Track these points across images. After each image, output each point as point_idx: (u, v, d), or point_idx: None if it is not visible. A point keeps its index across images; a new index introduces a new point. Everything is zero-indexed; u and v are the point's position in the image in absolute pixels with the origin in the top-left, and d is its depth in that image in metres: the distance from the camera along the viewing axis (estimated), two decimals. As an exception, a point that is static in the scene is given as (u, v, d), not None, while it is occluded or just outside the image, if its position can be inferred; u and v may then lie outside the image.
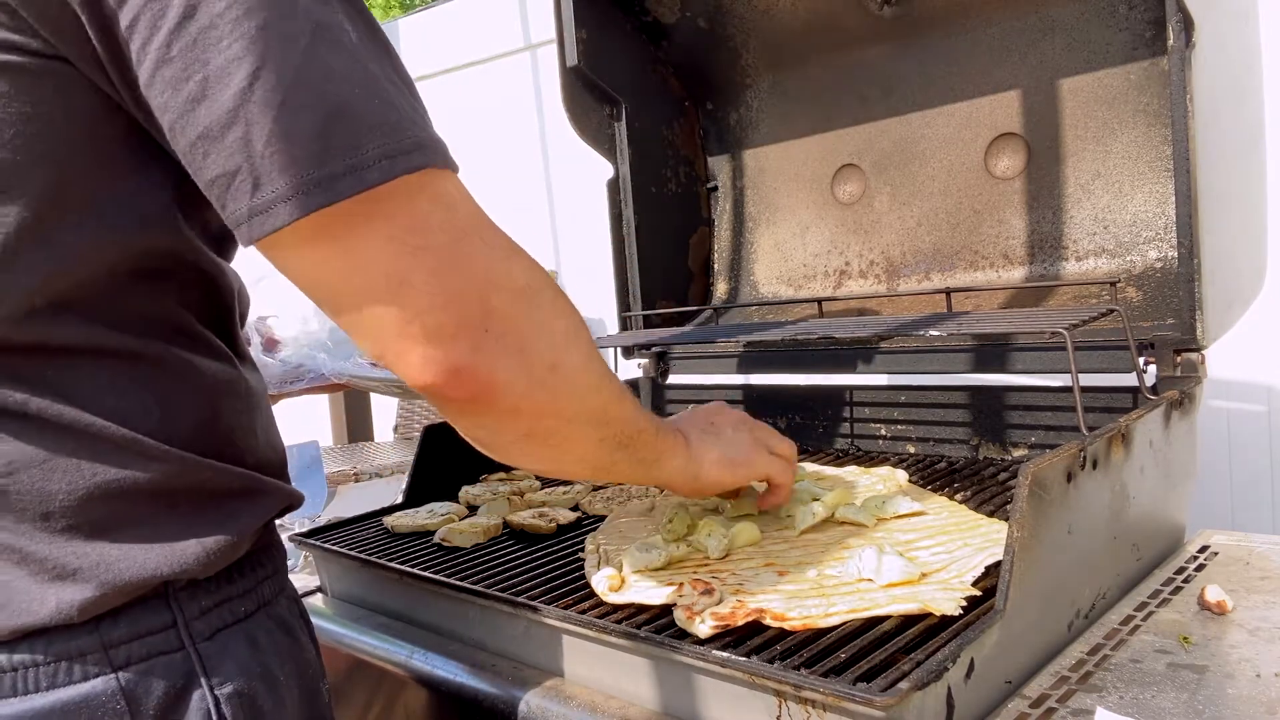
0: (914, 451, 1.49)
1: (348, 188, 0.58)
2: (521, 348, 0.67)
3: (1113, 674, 0.83)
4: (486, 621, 1.02)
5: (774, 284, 1.79)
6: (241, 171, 0.57)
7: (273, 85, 0.56)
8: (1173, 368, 1.17)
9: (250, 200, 0.58)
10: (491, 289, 0.65)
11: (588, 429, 0.77)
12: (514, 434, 0.72)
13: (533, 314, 0.68)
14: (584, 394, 0.74)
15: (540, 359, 0.69)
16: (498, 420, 0.70)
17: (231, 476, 0.73)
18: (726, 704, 0.79)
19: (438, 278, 0.62)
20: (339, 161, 0.57)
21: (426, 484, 1.44)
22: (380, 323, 0.62)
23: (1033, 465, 0.82)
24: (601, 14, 1.67)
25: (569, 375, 0.71)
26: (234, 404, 0.76)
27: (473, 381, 0.65)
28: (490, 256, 0.65)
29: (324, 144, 0.57)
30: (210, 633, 0.71)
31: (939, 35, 1.50)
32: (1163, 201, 1.32)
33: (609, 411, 0.79)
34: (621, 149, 1.73)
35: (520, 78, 3.94)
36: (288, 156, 0.57)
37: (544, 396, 0.70)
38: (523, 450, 0.75)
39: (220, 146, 0.57)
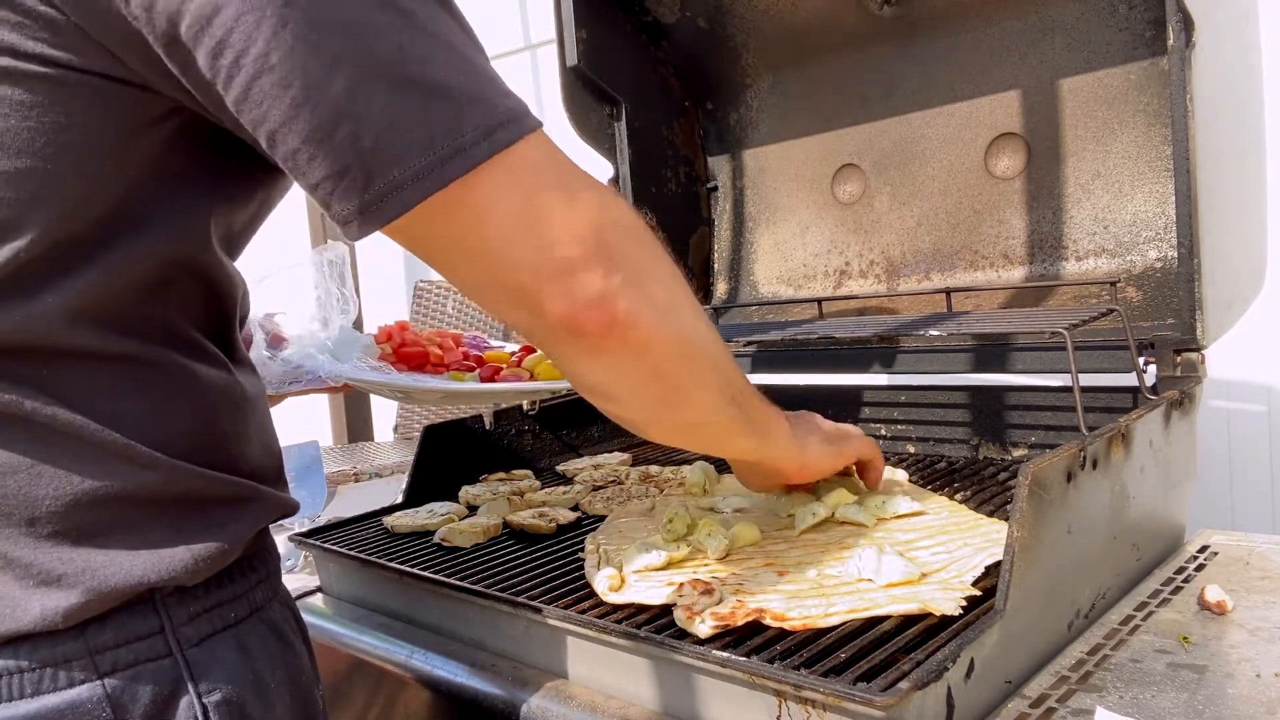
0: (914, 451, 1.49)
1: (457, 169, 0.60)
2: (642, 282, 0.69)
3: (1113, 674, 0.83)
4: (486, 621, 1.02)
5: (774, 284, 1.79)
6: (352, 170, 0.59)
7: (373, 81, 0.58)
8: (1173, 368, 1.17)
9: (362, 196, 0.60)
10: (606, 226, 0.67)
11: (706, 374, 0.78)
12: (642, 373, 0.72)
13: (645, 252, 0.71)
14: (704, 338, 0.76)
15: (659, 294, 0.70)
16: (628, 357, 0.70)
17: (222, 484, 0.72)
18: (726, 704, 0.79)
19: (559, 216, 0.64)
20: (444, 146, 0.59)
21: (426, 484, 1.44)
22: (512, 272, 0.64)
23: (1033, 465, 0.82)
24: (601, 14, 1.67)
25: (684, 313, 0.73)
26: (229, 410, 0.75)
27: (606, 311, 0.66)
28: (598, 194, 0.68)
29: (429, 131, 0.59)
30: (199, 639, 0.70)
31: (939, 35, 1.51)
32: (1163, 201, 1.32)
33: (724, 363, 0.80)
34: (621, 149, 1.73)
35: (520, 78, 3.94)
36: (397, 149, 0.59)
37: (669, 330, 0.71)
38: (649, 393, 0.75)
39: (328, 149, 0.59)
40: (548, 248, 0.64)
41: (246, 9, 0.57)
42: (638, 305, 0.68)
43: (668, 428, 0.83)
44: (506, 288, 0.66)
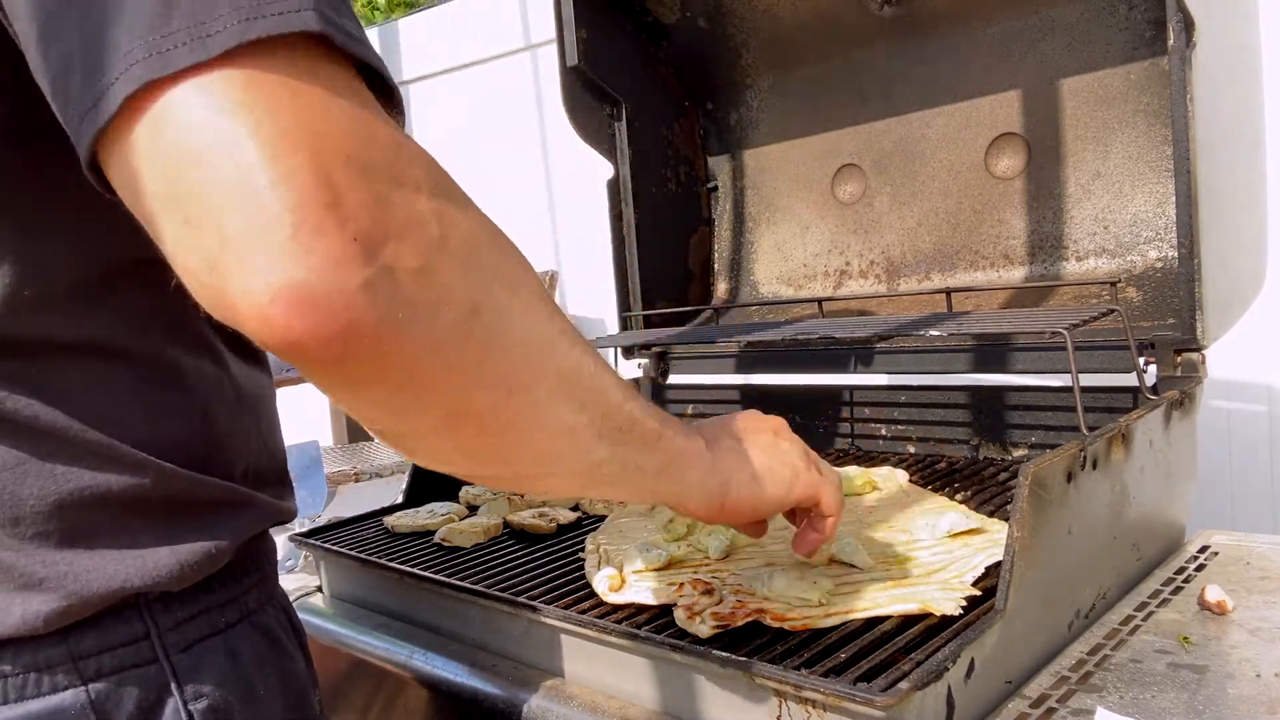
0: (914, 451, 1.49)
1: (182, 58, 0.43)
2: (422, 269, 0.45)
3: (1113, 674, 0.83)
4: (487, 621, 1.02)
5: (774, 284, 1.79)
6: (74, 59, 0.44)
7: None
8: (1173, 368, 1.17)
9: (82, 96, 0.44)
10: (357, 174, 0.43)
11: (552, 408, 0.54)
12: (430, 417, 0.50)
13: (449, 213, 0.47)
14: (541, 352, 0.52)
15: (455, 295, 0.47)
16: (396, 393, 0.47)
17: (213, 489, 0.69)
18: (726, 704, 0.79)
19: (282, 169, 0.42)
20: (181, 25, 0.43)
21: (426, 484, 1.44)
22: (201, 234, 0.43)
23: (1033, 465, 0.82)
24: (601, 14, 1.67)
25: (503, 320, 0.49)
26: (226, 409, 0.72)
27: (327, 316, 0.42)
28: (365, 134, 0.45)
29: (166, 8, 0.44)
30: (186, 644, 0.68)
31: (939, 35, 1.50)
32: (1163, 201, 1.32)
33: (582, 382, 0.56)
34: (621, 149, 1.73)
35: (520, 78, 3.94)
36: (123, 31, 0.43)
37: (468, 354, 0.48)
38: (450, 443, 0.52)
39: (58, 40, 0.45)
40: (250, 221, 0.42)
41: None
42: (408, 309, 0.44)
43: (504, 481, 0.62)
44: (191, 248, 0.44)
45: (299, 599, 1.25)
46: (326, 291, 0.42)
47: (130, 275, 0.65)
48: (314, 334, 0.43)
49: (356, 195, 0.43)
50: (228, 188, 0.42)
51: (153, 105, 0.43)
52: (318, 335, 0.43)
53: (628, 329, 1.75)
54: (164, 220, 0.44)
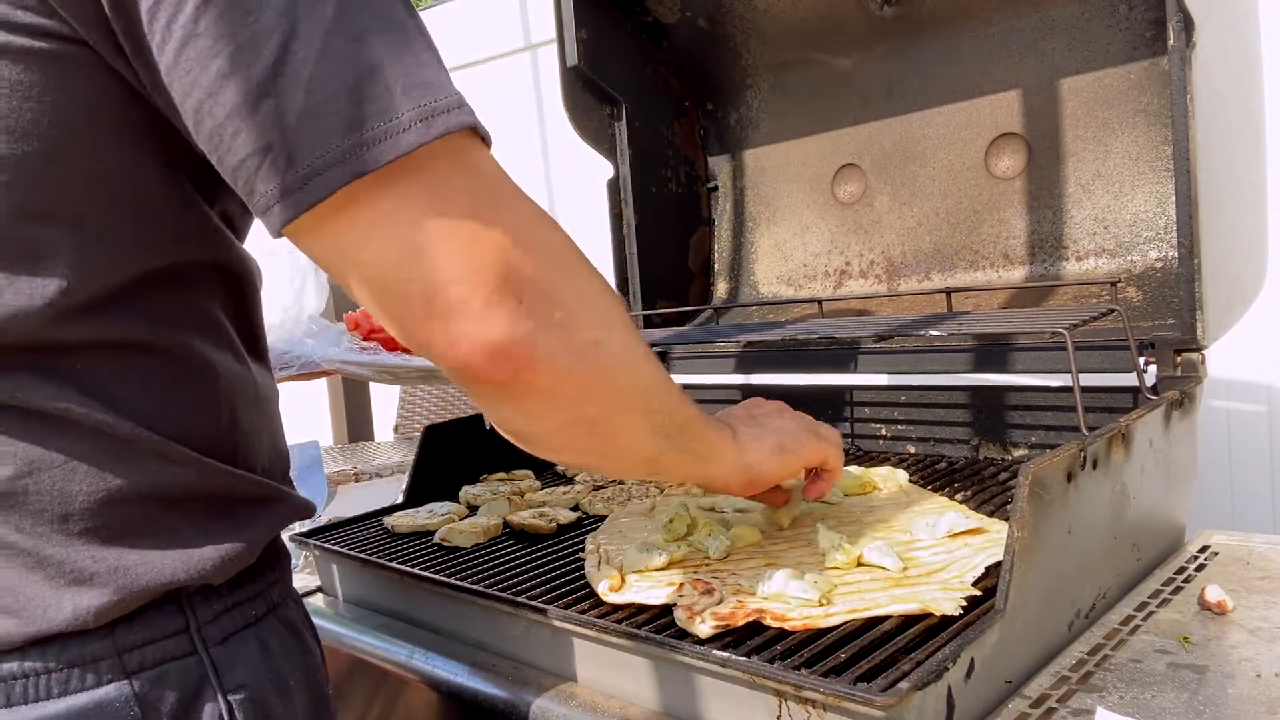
0: (914, 451, 1.49)
1: (385, 152, 0.55)
2: (561, 320, 0.61)
3: (1113, 674, 0.83)
4: (487, 621, 1.02)
5: (774, 284, 1.79)
6: (275, 147, 0.54)
7: (304, 54, 0.54)
8: (1173, 368, 1.17)
9: (283, 178, 0.55)
10: (522, 255, 0.59)
11: (635, 415, 0.71)
12: (557, 420, 0.66)
13: (572, 283, 0.63)
14: (629, 374, 0.69)
15: (582, 333, 0.63)
16: (539, 405, 0.64)
17: (248, 483, 0.72)
18: (727, 704, 0.79)
19: (461, 244, 0.57)
20: (375, 125, 0.55)
21: (427, 484, 1.44)
22: (406, 298, 0.58)
23: (1033, 465, 0.82)
24: (601, 14, 1.67)
25: (613, 352, 0.66)
26: (248, 408, 0.74)
27: (510, 358, 0.59)
28: (519, 221, 0.61)
29: (358, 110, 0.54)
30: (222, 637, 0.70)
31: (939, 35, 1.51)
32: (1163, 201, 1.32)
33: (655, 396, 0.72)
34: (621, 149, 1.73)
35: (520, 78, 3.94)
36: (323, 126, 0.54)
37: (588, 374, 0.64)
38: (567, 440, 0.69)
39: (252, 123, 0.54)
40: (443, 282, 0.57)
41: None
42: (550, 349, 0.61)
43: (596, 465, 0.79)
44: (398, 318, 0.60)
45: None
46: (504, 344, 0.59)
47: (167, 277, 0.67)
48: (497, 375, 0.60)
49: (522, 273, 0.59)
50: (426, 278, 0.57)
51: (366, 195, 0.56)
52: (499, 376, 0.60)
53: (628, 329, 1.74)
54: (377, 300, 0.60)
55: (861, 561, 0.93)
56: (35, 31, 0.57)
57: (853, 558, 0.93)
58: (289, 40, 0.54)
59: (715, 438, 0.84)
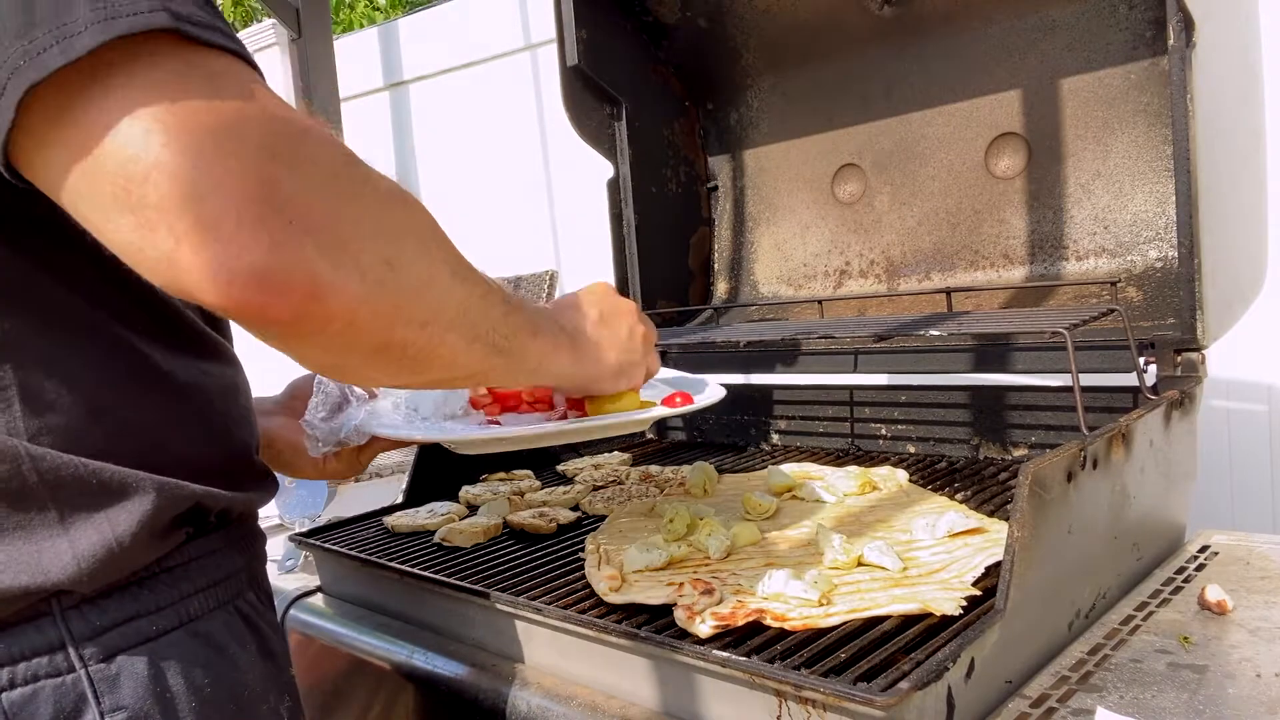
0: (914, 451, 1.49)
1: (55, 59, 0.47)
2: (340, 240, 0.54)
3: (1113, 674, 0.83)
4: (486, 621, 1.02)
5: (774, 284, 1.79)
6: None
7: None
8: (1173, 367, 1.17)
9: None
10: (281, 169, 0.51)
11: (451, 334, 0.65)
12: (362, 352, 0.60)
13: (349, 198, 0.55)
14: (438, 292, 0.63)
15: (370, 253, 0.55)
16: (336, 338, 0.57)
17: (105, 474, 0.64)
18: (727, 704, 0.79)
19: (201, 155, 0.49)
20: (45, 30, 0.48)
21: (426, 484, 1.44)
22: (142, 225, 0.49)
23: (1033, 465, 0.82)
24: (602, 14, 1.67)
25: (413, 271, 0.59)
26: (141, 395, 0.67)
27: (286, 289, 0.51)
28: (272, 129, 0.52)
29: (29, 17, 0.48)
30: (107, 654, 0.64)
31: (939, 35, 1.50)
32: (1163, 201, 1.32)
33: (473, 311, 0.67)
34: (621, 149, 1.73)
35: (520, 78, 3.94)
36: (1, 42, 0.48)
37: (386, 300, 0.57)
38: (379, 369, 0.63)
39: None
40: (183, 206, 0.48)
41: None
42: (334, 276, 0.53)
43: (415, 386, 0.74)
44: (144, 254, 0.51)
45: (299, 599, 1.25)
46: (274, 270, 0.51)
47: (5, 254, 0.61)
48: (269, 304, 0.52)
49: (284, 188, 0.51)
50: (172, 197, 0.48)
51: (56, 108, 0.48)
52: (272, 305, 0.52)
53: (628, 329, 1.74)
54: (108, 223, 0.51)
55: (861, 561, 0.93)
56: None
57: (853, 558, 0.93)
58: None
59: (549, 346, 0.80)
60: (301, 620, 1.21)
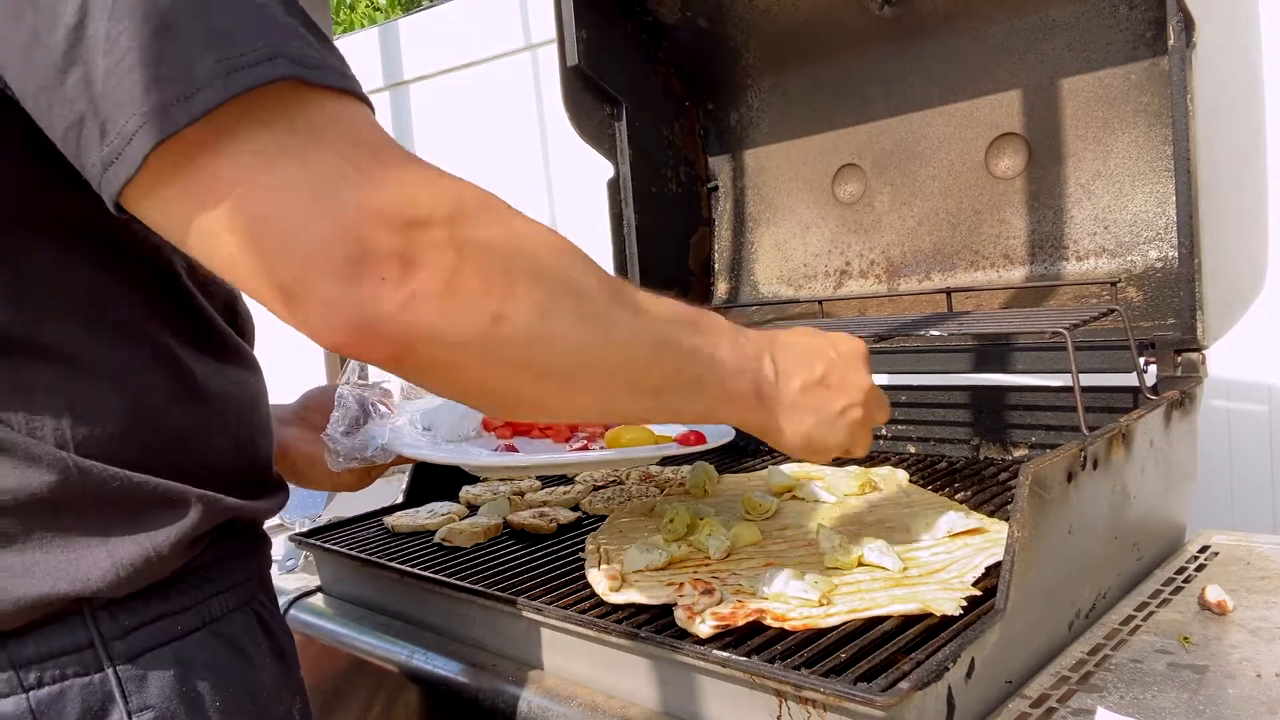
0: (914, 451, 1.49)
1: (179, 116, 0.49)
2: (446, 289, 0.53)
3: (1113, 674, 0.83)
4: (486, 621, 1.02)
5: (774, 284, 1.79)
6: (87, 119, 0.50)
7: (100, 12, 0.49)
8: (1173, 368, 1.17)
9: (101, 150, 0.51)
10: (401, 213, 0.52)
11: (574, 380, 0.62)
12: (471, 395, 0.60)
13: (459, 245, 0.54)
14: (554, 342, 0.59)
15: (474, 302, 0.54)
16: (443, 380, 0.57)
17: (149, 487, 0.66)
18: (727, 704, 0.79)
19: (322, 201, 0.51)
20: (169, 87, 0.49)
21: (426, 484, 1.44)
22: (265, 274, 0.52)
23: (1033, 465, 0.82)
24: (602, 14, 1.67)
25: (523, 321, 0.56)
26: (181, 406, 0.69)
27: (381, 339, 0.53)
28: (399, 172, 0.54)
29: (154, 71, 0.49)
30: (134, 654, 0.65)
31: (939, 35, 1.50)
32: (1163, 201, 1.32)
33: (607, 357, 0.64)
34: (622, 149, 1.73)
35: (520, 78, 3.94)
36: (124, 92, 0.49)
37: (489, 350, 0.56)
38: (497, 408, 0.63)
39: (61, 94, 0.51)
40: (301, 250, 0.51)
41: None
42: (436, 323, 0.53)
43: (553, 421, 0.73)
44: (263, 292, 0.53)
45: (299, 599, 1.25)
46: (369, 322, 0.52)
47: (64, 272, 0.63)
48: (368, 350, 0.54)
49: (385, 243, 0.52)
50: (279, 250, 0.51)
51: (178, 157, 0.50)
52: (372, 350, 0.54)
53: (628, 329, 1.74)
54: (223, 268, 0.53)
55: (861, 561, 0.93)
56: None
57: (853, 558, 0.93)
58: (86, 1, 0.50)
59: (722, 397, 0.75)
60: (301, 620, 1.21)
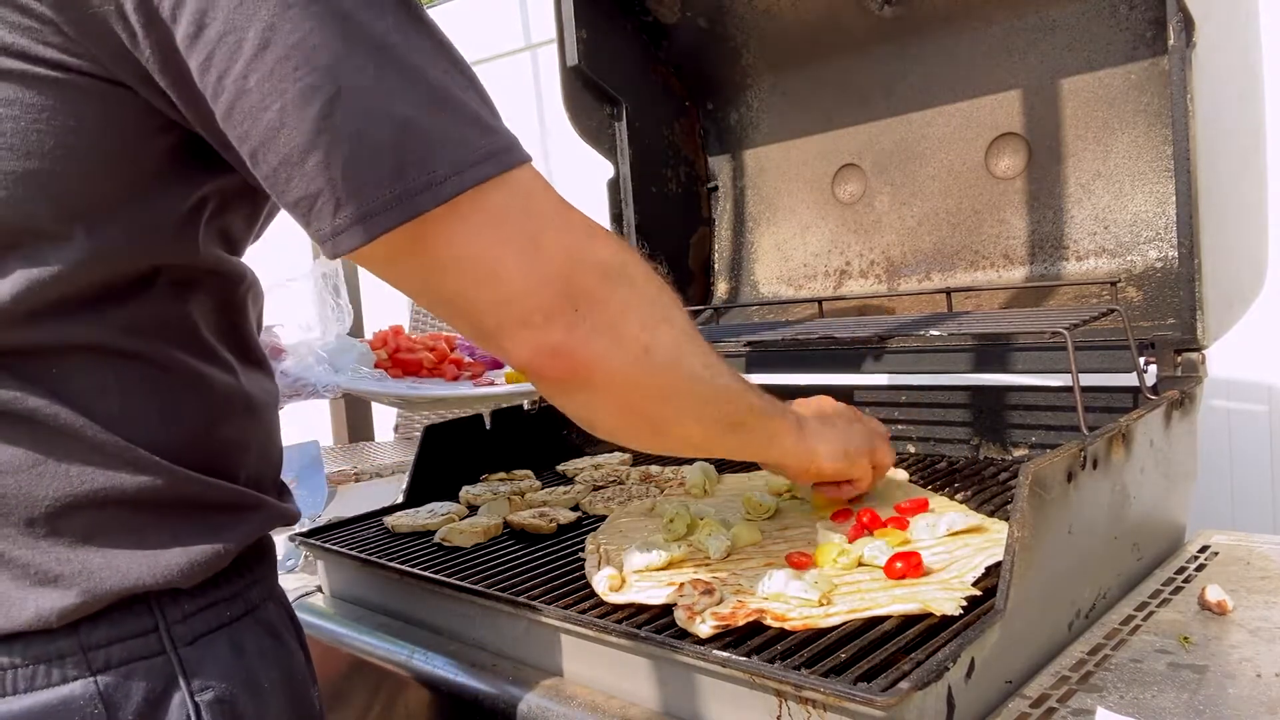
0: (914, 451, 1.49)
1: (425, 203, 0.61)
2: (611, 326, 0.69)
3: (1113, 674, 0.83)
4: (486, 621, 1.02)
5: (774, 284, 1.79)
6: (324, 194, 0.61)
7: (347, 112, 0.59)
8: (1173, 368, 1.17)
9: (333, 221, 0.61)
10: (576, 270, 0.68)
11: (688, 408, 0.79)
12: (613, 410, 0.75)
13: (618, 292, 0.70)
14: (681, 373, 0.76)
15: (632, 338, 0.71)
16: (596, 398, 0.73)
17: (222, 492, 0.73)
18: (727, 704, 0.79)
19: (522, 266, 0.65)
20: (413, 179, 0.60)
21: (427, 484, 1.44)
22: (478, 316, 0.67)
23: (1033, 465, 0.82)
24: (602, 14, 1.67)
25: (662, 354, 0.73)
26: (235, 416, 0.75)
27: (567, 360, 0.68)
28: (571, 238, 0.68)
29: (398, 164, 0.60)
30: (193, 637, 0.70)
31: (939, 35, 1.50)
32: (1163, 201, 1.32)
33: (711, 392, 0.80)
34: (622, 149, 1.73)
35: (520, 78, 3.94)
36: (365, 178, 0.60)
37: (638, 374, 0.72)
38: (624, 428, 0.78)
39: (302, 171, 0.60)
40: (506, 301, 0.66)
41: (229, 29, 0.58)
42: (602, 353, 0.69)
43: (655, 449, 0.86)
44: (472, 328, 0.69)
45: (299, 599, 1.25)
46: (564, 348, 0.68)
47: (144, 284, 0.68)
48: (556, 373, 0.70)
49: (576, 284, 0.68)
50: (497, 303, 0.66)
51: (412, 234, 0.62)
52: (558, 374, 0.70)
53: (628, 329, 1.74)
54: (444, 317, 0.69)
55: (861, 561, 0.93)
56: (55, 64, 0.61)
57: (853, 558, 0.93)
58: (334, 98, 0.59)
59: (779, 427, 0.94)
60: (301, 620, 1.21)
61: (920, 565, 0.89)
